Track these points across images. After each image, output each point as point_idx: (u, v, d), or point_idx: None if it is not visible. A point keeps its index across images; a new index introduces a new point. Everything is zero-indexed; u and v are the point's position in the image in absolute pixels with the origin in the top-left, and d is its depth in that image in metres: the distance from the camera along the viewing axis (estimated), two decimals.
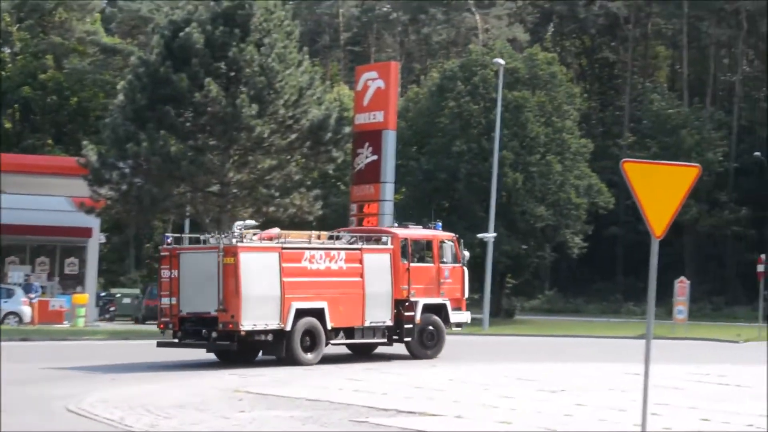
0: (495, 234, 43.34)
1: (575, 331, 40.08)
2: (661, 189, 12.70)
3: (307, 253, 23.90)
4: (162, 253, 24.19)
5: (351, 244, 25.09)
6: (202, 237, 24.52)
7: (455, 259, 26.77)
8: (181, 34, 35.06)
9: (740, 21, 69.18)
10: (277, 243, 23.74)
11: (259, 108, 34.67)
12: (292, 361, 23.19)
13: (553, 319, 52.25)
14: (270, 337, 23.30)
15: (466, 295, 27.19)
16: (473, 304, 48.34)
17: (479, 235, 43.20)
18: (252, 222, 28.75)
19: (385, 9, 72.69)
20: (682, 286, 38.62)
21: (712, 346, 33.98)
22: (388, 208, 37.84)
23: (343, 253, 24.52)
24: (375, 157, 37.97)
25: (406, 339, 25.34)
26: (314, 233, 25.17)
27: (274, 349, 23.57)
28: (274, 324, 23.11)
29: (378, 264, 24.94)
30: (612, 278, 67.80)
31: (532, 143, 50.56)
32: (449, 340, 26.67)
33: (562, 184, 50.47)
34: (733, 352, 31.70)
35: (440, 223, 28.69)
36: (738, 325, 46.40)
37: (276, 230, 24.97)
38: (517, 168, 49.56)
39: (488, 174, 45.08)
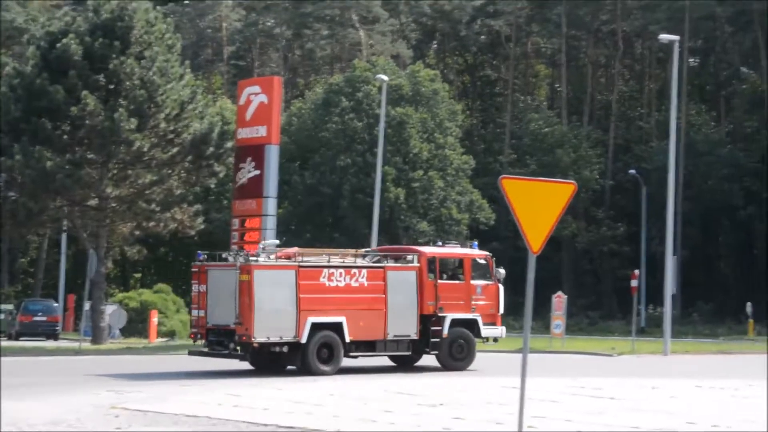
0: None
1: None
2: (538, 205, 12.92)
3: (325, 270, 25.75)
4: (193, 269, 26.38)
5: (376, 262, 27.09)
6: (223, 254, 26.76)
7: (488, 276, 28.14)
8: (59, 45, 34.42)
9: (617, 41, 71.04)
10: (294, 261, 25.72)
11: (139, 122, 34.22)
12: (308, 371, 24.96)
13: None
14: (285, 349, 25.20)
15: (501, 311, 28.54)
16: None
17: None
18: (275, 241, 29.84)
19: (268, 24, 72.50)
20: (559, 300, 39.29)
21: (588, 360, 34.67)
22: (271, 222, 37.63)
23: (365, 270, 26.34)
24: (257, 172, 37.69)
25: (433, 351, 27.04)
26: (350, 251, 27.94)
27: (291, 360, 25.60)
28: (289, 337, 25.04)
29: (403, 281, 26.75)
30: None
31: (414, 159, 51.02)
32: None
33: (444, 200, 51.03)
34: (607, 365, 32.40)
35: (476, 242, 30.57)
36: (613, 339, 47.47)
37: (294, 249, 27.06)
38: (400, 183, 49.91)
39: (372, 189, 45.29)
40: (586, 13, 70.32)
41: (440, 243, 31.18)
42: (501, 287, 28.51)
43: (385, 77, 44.87)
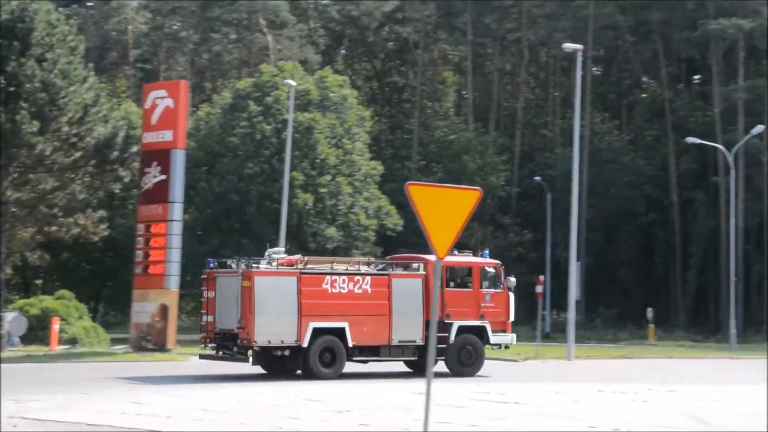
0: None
1: None
2: (444, 212, 12.98)
3: (328, 277, 26.59)
4: (202, 276, 27.34)
5: (381, 269, 27.90)
6: (228, 262, 27.32)
7: (498, 284, 28.97)
8: None
9: (522, 50, 71.95)
10: (296, 268, 26.58)
11: (41, 125, 33.55)
12: (310, 375, 26.01)
13: None
14: (287, 353, 26.17)
15: (512, 318, 29.28)
16: None
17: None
18: (281, 249, 30.38)
19: (175, 27, 71.75)
20: None
21: (494, 365, 34.93)
22: (177, 228, 37.27)
23: (368, 278, 27.15)
24: (163, 177, 37.30)
25: (439, 357, 27.36)
26: (358, 260, 29.44)
27: (292, 363, 26.54)
28: (290, 341, 25.98)
29: (408, 288, 27.44)
30: None
31: (322, 165, 50.95)
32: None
33: (352, 206, 51.06)
34: (513, 370, 32.72)
35: (487, 251, 31.40)
36: (518, 344, 47.84)
37: (297, 256, 27.88)
38: (308, 189, 49.80)
39: (279, 195, 45.12)
40: (492, 22, 71.14)
41: (455, 252, 31.39)
42: (511, 295, 29.34)
43: (292, 82, 44.72)
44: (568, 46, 41.05)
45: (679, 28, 66.61)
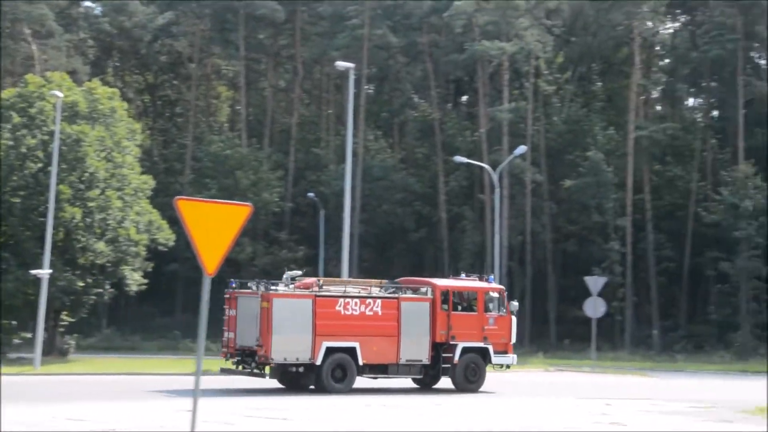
0: (51, 270, 41.95)
1: (132, 369, 39.53)
2: (213, 227, 12.95)
3: (341, 300, 28.55)
4: (225, 296, 29.18)
5: (391, 293, 29.70)
6: (249, 283, 29.60)
7: (502, 308, 31.04)
8: None
9: (296, 66, 72.37)
10: (312, 291, 28.55)
11: None
12: (322, 390, 27.98)
13: (111, 357, 51.25)
14: (302, 369, 28.26)
15: (513, 340, 31.40)
16: (26, 344, 46.43)
17: (33, 272, 41.62)
18: (298, 272, 31.52)
19: None
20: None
21: (261, 381, 34.88)
22: None
23: (379, 300, 29.10)
24: None
25: (444, 375, 30.08)
26: (373, 281, 30.71)
27: (306, 379, 28.51)
28: (305, 359, 28.02)
29: (416, 310, 29.54)
30: (171, 314, 67.90)
31: (91, 178, 49.53)
32: None
33: (122, 220, 49.85)
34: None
35: (492, 276, 34.40)
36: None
37: (313, 280, 29.86)
38: (76, 203, 48.30)
39: (45, 209, 43.57)
40: (265, 38, 71.21)
41: (464, 275, 33.54)
42: (514, 319, 31.43)
43: (59, 93, 43.31)
44: (341, 64, 41.63)
45: (447, 50, 68.71)
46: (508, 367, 31.59)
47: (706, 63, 66.20)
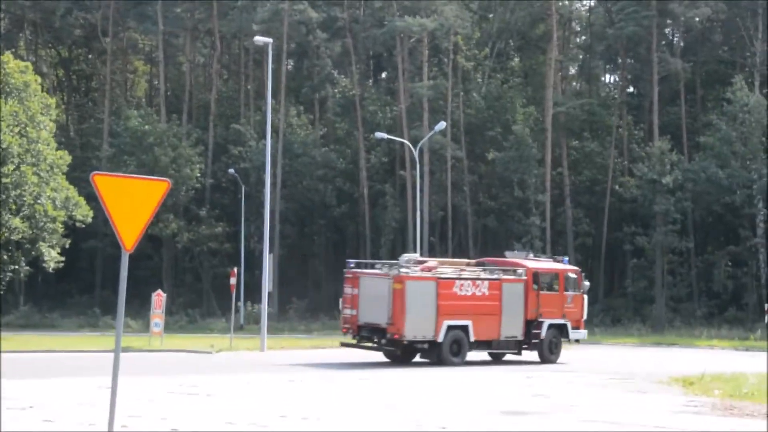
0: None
1: (50, 346, 38.96)
2: (131, 203, 12.79)
3: (458, 282, 31.15)
4: (347, 275, 31.75)
5: (492, 275, 32.21)
6: (376, 265, 32.69)
7: (577, 288, 34.16)
8: None
9: (214, 42, 71.64)
10: (434, 273, 31.08)
11: None
12: (442, 363, 30.51)
13: (29, 334, 50.48)
14: (426, 346, 30.81)
15: (585, 317, 34.67)
16: None
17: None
18: (416, 255, 34.43)
19: None
20: (158, 299, 39.06)
21: (188, 358, 34.73)
22: None
23: (486, 282, 31.71)
24: None
25: (533, 350, 33.11)
26: (464, 261, 34.31)
27: (429, 354, 31.08)
28: (429, 336, 30.63)
29: (513, 291, 32.25)
30: (91, 292, 67.07)
31: (4, 153, 48.56)
32: None
33: (38, 196, 49.01)
34: (206, 362, 32.60)
35: (567, 258, 37.28)
36: (213, 336, 47.92)
37: (434, 262, 32.74)
38: None
39: None
40: (183, 11, 70.28)
41: (532, 255, 37.01)
42: (585, 297, 34.70)
43: None
44: (259, 39, 41.28)
45: (367, 26, 68.59)
46: (577, 341, 35.09)
47: (621, 40, 67.03)
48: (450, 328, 30.90)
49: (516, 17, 72.89)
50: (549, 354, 33.44)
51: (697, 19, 67.18)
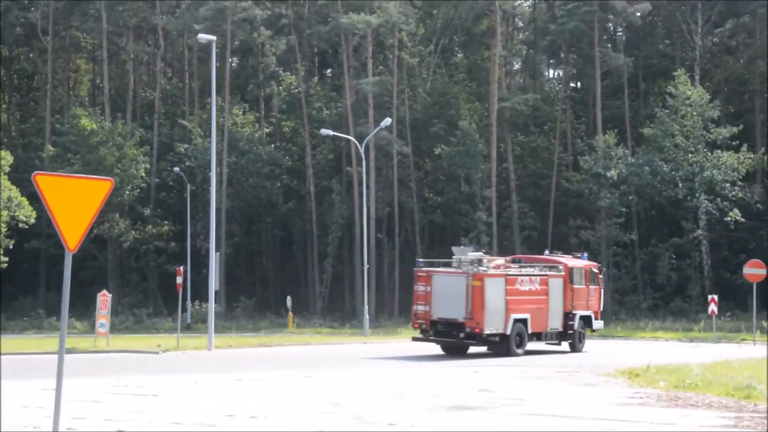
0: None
1: None
2: (74, 202, 12.73)
3: (519, 278, 33.92)
4: (418, 274, 33.86)
5: (540, 271, 35.16)
6: (453, 263, 34.22)
7: (596, 282, 37.39)
8: None
9: (158, 39, 71.09)
10: (502, 270, 33.86)
11: None
12: (508, 354, 32.92)
13: None
14: (497, 339, 33.06)
15: (601, 309, 38.00)
16: None
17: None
18: (480, 254, 35.81)
19: None
20: (104, 299, 38.73)
21: (134, 358, 34.47)
22: None
23: (537, 278, 34.64)
24: None
25: (566, 340, 36.07)
26: (501, 258, 37.16)
27: (498, 346, 33.30)
28: (500, 329, 33.01)
29: (556, 286, 35.24)
30: (35, 293, 66.27)
31: None
32: None
33: None
34: (153, 362, 32.39)
35: (586, 254, 39.87)
36: (159, 336, 47.60)
37: (501, 260, 35.81)
38: None
39: None
40: (125, 9, 69.61)
41: (547, 252, 41.07)
42: (602, 291, 38.13)
43: None
44: (203, 37, 41.07)
45: (311, 23, 68.47)
46: (593, 331, 38.08)
47: (564, 35, 67.53)
48: (515, 321, 33.39)
49: (459, 13, 73.18)
50: (578, 343, 36.36)
51: (639, 14, 67.82)
